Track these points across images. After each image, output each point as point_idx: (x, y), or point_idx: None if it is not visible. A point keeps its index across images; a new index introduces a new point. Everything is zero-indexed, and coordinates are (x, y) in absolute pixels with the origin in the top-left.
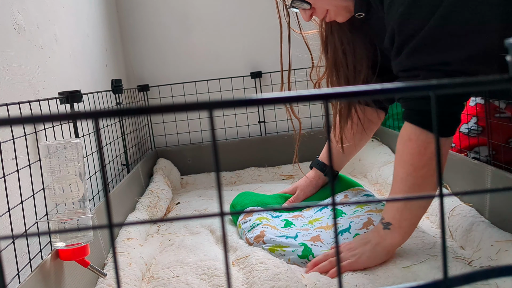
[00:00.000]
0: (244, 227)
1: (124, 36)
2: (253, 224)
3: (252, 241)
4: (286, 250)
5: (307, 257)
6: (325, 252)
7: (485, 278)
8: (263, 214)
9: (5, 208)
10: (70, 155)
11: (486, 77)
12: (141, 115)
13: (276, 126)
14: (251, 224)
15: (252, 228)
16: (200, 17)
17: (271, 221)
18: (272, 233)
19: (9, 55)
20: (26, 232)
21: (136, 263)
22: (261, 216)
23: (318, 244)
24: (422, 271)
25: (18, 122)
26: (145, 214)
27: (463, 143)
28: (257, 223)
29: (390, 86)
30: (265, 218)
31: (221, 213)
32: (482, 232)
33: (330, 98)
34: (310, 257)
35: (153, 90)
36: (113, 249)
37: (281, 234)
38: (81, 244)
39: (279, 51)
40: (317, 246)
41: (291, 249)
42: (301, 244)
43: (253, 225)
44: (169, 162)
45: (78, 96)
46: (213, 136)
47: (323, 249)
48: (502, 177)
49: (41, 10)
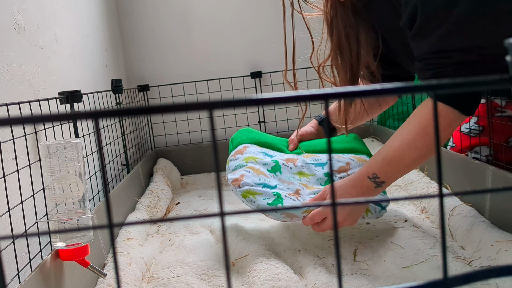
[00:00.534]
0: (230, 165)
1: (124, 36)
2: (238, 165)
3: (229, 183)
4: (257, 197)
5: (276, 205)
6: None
7: (485, 278)
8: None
9: (5, 208)
10: (70, 155)
11: (486, 77)
12: (141, 115)
13: (276, 126)
14: (237, 163)
15: (236, 168)
16: (200, 17)
17: (259, 161)
18: (251, 179)
19: (9, 55)
20: (26, 232)
21: (136, 263)
22: (251, 155)
23: (293, 198)
24: (422, 271)
25: (18, 122)
26: (145, 214)
27: (464, 143)
28: (242, 163)
29: (390, 86)
30: (253, 158)
31: (221, 213)
32: (482, 232)
33: (330, 98)
34: (279, 205)
35: (153, 90)
36: (113, 249)
37: (260, 182)
38: (81, 244)
39: (279, 51)
40: (291, 199)
41: (263, 197)
42: (275, 193)
43: (238, 165)
44: (169, 162)
45: (78, 96)
46: (213, 136)
47: (295, 203)
48: (502, 177)
49: (41, 10)
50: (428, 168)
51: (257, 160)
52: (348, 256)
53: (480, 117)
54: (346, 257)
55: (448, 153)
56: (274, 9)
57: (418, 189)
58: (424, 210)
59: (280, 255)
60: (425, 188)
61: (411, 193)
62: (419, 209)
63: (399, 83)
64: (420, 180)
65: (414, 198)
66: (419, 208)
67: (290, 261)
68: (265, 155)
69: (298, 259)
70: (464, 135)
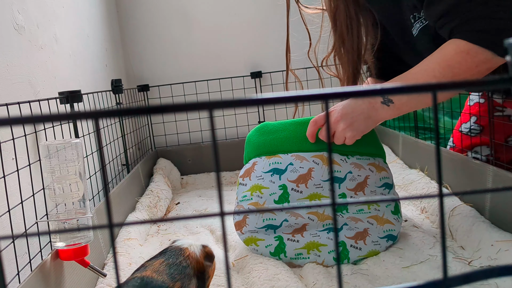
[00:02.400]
0: (239, 190)
1: (124, 36)
2: (244, 197)
3: (233, 223)
4: (259, 244)
5: (279, 255)
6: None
7: (485, 278)
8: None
9: (5, 208)
10: (70, 155)
11: (486, 77)
12: (141, 115)
13: None
14: (243, 194)
15: (242, 200)
16: (200, 17)
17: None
18: (254, 222)
19: (9, 55)
20: (26, 232)
21: (136, 263)
22: (257, 184)
23: (297, 237)
24: (422, 271)
25: (18, 122)
26: (145, 214)
27: (464, 142)
28: (248, 197)
29: (390, 86)
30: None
31: (221, 213)
32: (482, 232)
33: (330, 98)
34: (281, 255)
35: (153, 90)
36: (113, 249)
37: (263, 225)
38: (81, 244)
39: (279, 51)
40: (294, 241)
41: (265, 243)
42: (277, 238)
43: (244, 197)
44: (169, 162)
45: (78, 96)
46: (213, 136)
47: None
48: (503, 176)
49: (41, 10)
50: (428, 168)
51: (263, 190)
52: None
53: (480, 116)
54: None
55: (448, 153)
56: (274, 9)
57: (418, 189)
58: (424, 210)
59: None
60: (425, 188)
61: (411, 193)
62: (419, 209)
63: (399, 83)
64: (420, 180)
65: (414, 198)
66: (419, 208)
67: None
68: (272, 175)
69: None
70: (464, 134)
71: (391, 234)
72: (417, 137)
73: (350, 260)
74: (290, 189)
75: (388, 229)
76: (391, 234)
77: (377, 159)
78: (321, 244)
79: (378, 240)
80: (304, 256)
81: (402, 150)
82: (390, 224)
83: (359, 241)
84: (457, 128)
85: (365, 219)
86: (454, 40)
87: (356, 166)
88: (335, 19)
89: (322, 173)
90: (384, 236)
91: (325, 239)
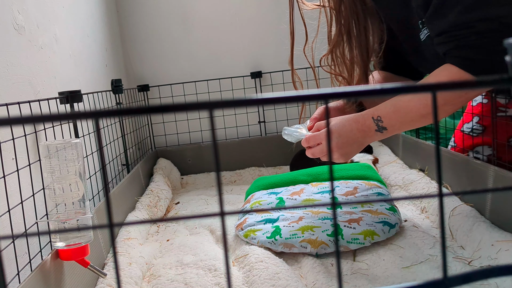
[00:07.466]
0: (239, 215)
1: (124, 36)
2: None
3: (235, 229)
4: (257, 233)
5: (274, 237)
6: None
7: (485, 278)
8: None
9: (5, 208)
10: (70, 155)
11: (486, 77)
12: (141, 115)
13: (276, 126)
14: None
15: (243, 216)
16: (200, 17)
17: (263, 202)
18: (253, 220)
19: (9, 55)
20: (26, 232)
21: (136, 262)
22: (256, 200)
23: (293, 225)
24: (422, 271)
25: (18, 122)
26: (145, 214)
27: (466, 142)
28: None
29: (390, 86)
30: (257, 202)
31: (221, 213)
32: (482, 232)
33: (330, 98)
34: (277, 237)
35: (153, 90)
36: (113, 249)
37: (261, 219)
38: (81, 244)
39: (279, 51)
40: (291, 226)
41: (262, 232)
42: (274, 227)
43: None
44: (169, 162)
45: (78, 96)
46: (213, 136)
47: (294, 229)
48: (504, 177)
49: (41, 10)
50: (429, 168)
51: (261, 202)
52: (348, 256)
53: (483, 116)
54: (346, 257)
55: (449, 153)
56: (274, 9)
57: (418, 189)
58: (424, 210)
59: (280, 254)
60: (425, 188)
61: (411, 193)
62: (419, 209)
63: (399, 83)
64: (420, 180)
65: (414, 198)
66: (419, 208)
67: (290, 260)
68: (270, 195)
69: (298, 258)
70: (466, 134)
71: (387, 221)
72: (418, 137)
73: (344, 237)
74: (286, 198)
75: (383, 218)
76: (387, 221)
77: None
78: (316, 226)
79: (373, 223)
80: (298, 236)
81: (402, 150)
82: (385, 215)
83: (353, 223)
84: (459, 128)
85: (359, 212)
86: (447, 66)
87: (346, 183)
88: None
89: (311, 190)
90: (379, 221)
91: (320, 223)
